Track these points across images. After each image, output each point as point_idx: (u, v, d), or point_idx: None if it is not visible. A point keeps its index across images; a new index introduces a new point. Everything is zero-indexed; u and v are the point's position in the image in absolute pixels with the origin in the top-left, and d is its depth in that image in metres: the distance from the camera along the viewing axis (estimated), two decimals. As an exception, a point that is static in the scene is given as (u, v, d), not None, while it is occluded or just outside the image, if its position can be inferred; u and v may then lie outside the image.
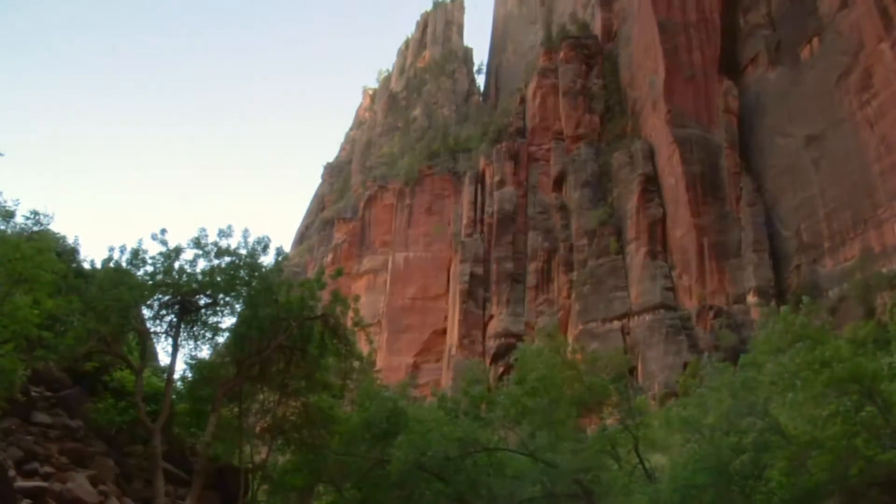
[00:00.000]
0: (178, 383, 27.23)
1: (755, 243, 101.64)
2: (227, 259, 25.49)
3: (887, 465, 21.54)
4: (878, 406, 22.94)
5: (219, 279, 25.30)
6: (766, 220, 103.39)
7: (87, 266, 26.49)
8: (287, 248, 38.65)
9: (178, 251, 25.21)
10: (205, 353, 27.57)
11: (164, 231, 25.12)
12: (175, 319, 25.45)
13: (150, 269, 24.86)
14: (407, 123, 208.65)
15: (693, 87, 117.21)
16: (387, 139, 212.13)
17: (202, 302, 25.87)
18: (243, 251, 25.73)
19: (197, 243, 25.50)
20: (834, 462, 22.56)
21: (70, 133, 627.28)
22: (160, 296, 25.04)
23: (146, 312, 25.23)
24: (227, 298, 25.98)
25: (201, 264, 25.53)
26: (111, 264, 24.49)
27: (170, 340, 25.55)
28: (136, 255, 24.79)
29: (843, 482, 22.87)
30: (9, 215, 23.37)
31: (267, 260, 26.27)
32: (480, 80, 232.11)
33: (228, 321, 26.69)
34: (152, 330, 25.68)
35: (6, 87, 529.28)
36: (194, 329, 26.28)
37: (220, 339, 27.26)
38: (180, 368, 26.85)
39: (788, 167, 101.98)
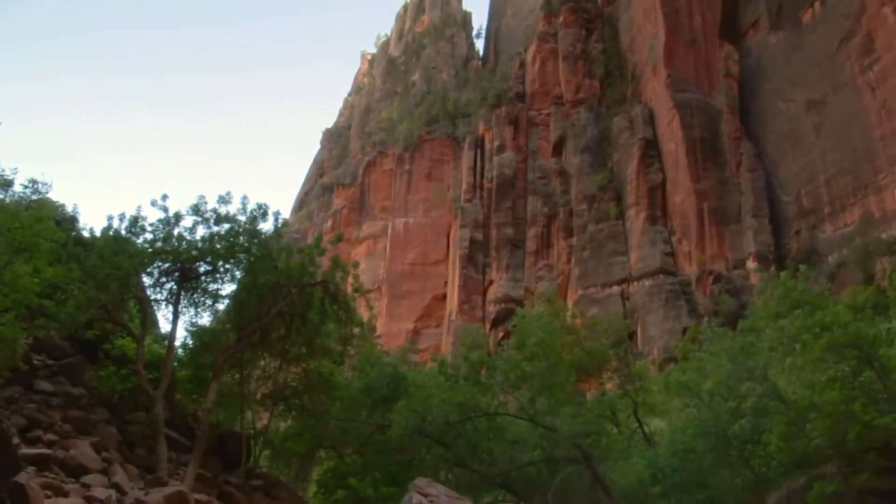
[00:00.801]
0: (179, 350, 27.33)
1: (755, 208, 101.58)
2: (227, 226, 25.43)
3: (885, 429, 21.66)
4: (877, 371, 23.04)
5: (218, 246, 25.27)
6: (766, 186, 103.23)
7: (86, 234, 26.49)
8: (286, 215, 38.54)
9: (177, 218, 25.15)
10: (205, 320, 27.67)
11: (164, 197, 25.08)
12: (175, 287, 25.47)
13: (149, 236, 24.83)
14: (406, 88, 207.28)
15: (693, 51, 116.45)
16: (386, 104, 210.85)
17: (202, 269, 25.88)
18: (242, 218, 25.67)
19: (196, 210, 25.42)
20: (832, 427, 22.69)
21: (63, 102, 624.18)
22: (160, 263, 25.04)
23: (146, 280, 25.25)
24: (227, 265, 25.97)
25: (200, 231, 25.50)
26: (110, 232, 24.43)
27: (170, 308, 25.60)
28: (136, 222, 24.74)
29: (840, 446, 23.01)
30: (7, 184, 23.32)
31: (266, 226, 26.22)
32: (479, 45, 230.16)
33: (228, 288, 26.74)
34: (153, 297, 25.72)
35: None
36: (194, 296, 26.32)
37: (221, 306, 27.32)
38: (181, 335, 26.97)
39: (789, 132, 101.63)
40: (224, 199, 25.73)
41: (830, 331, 23.71)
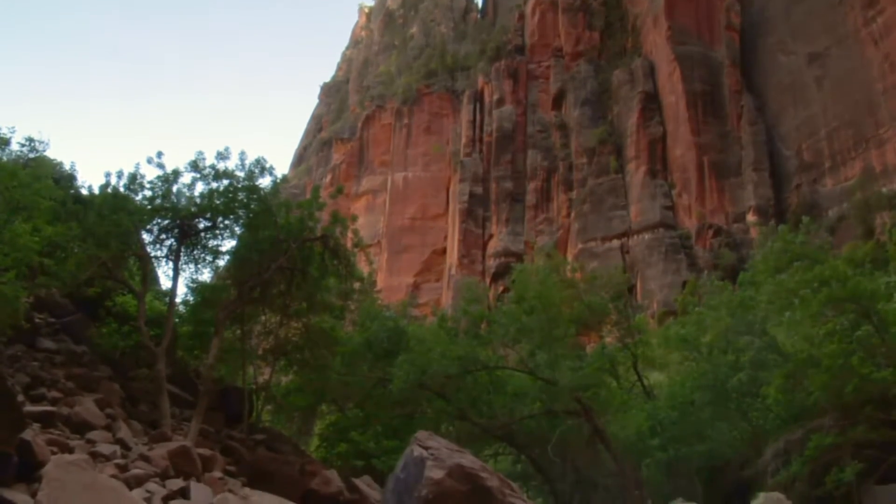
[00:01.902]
0: (181, 307, 27.36)
1: (755, 162, 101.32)
2: (225, 182, 25.29)
3: (881, 383, 21.84)
4: (875, 325, 23.15)
5: (217, 202, 25.12)
6: (766, 139, 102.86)
7: (85, 192, 26.34)
8: (286, 170, 38.29)
9: (175, 174, 25.02)
10: (206, 276, 27.64)
11: (160, 154, 24.94)
12: (175, 243, 25.39)
13: (148, 193, 24.70)
14: (404, 41, 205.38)
15: (695, 2, 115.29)
16: (384, 58, 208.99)
17: (201, 225, 25.78)
18: (241, 174, 25.51)
19: (194, 166, 25.23)
20: (829, 380, 22.85)
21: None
22: (159, 220, 24.91)
23: (146, 237, 25.12)
24: (227, 221, 25.86)
25: (199, 188, 25.36)
26: (109, 190, 24.32)
27: (170, 264, 25.51)
28: (134, 179, 24.59)
29: (837, 400, 23.20)
30: (4, 143, 23.17)
31: (265, 182, 26.07)
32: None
33: (228, 244, 26.69)
34: (153, 254, 25.61)
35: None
36: (194, 252, 26.24)
37: (221, 262, 27.28)
38: (182, 292, 26.92)
39: (790, 85, 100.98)
40: (222, 155, 25.50)
41: (829, 285, 23.79)
